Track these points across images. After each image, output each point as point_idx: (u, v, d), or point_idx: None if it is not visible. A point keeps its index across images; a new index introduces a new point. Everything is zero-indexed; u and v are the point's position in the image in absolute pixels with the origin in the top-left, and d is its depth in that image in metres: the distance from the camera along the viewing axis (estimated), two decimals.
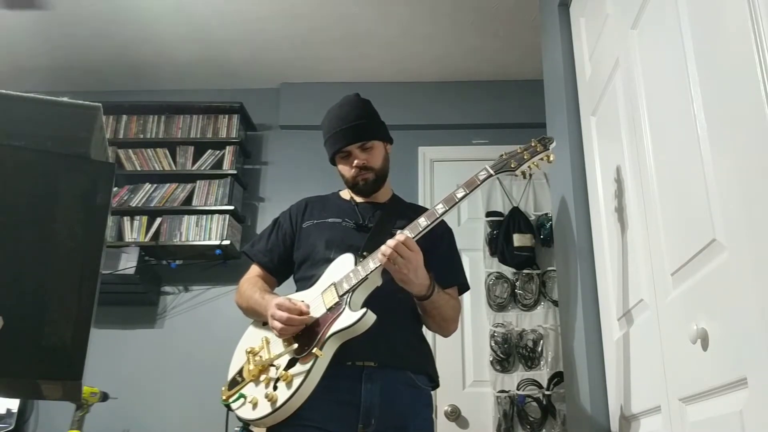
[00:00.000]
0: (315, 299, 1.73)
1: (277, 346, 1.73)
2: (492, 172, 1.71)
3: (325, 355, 1.62)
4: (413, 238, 1.66)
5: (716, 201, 1.17)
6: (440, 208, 1.69)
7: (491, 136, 3.66)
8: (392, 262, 1.63)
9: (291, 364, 1.66)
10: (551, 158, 1.73)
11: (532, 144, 1.74)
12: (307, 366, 1.61)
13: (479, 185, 1.69)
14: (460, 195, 1.68)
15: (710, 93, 1.20)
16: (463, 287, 2.00)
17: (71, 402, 2.53)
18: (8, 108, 1.00)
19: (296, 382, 1.61)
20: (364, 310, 1.62)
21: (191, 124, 3.71)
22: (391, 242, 1.63)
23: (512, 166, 1.71)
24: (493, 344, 3.17)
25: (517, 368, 3.14)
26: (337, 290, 1.70)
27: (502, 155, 1.75)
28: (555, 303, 3.15)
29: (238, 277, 2.07)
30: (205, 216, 3.48)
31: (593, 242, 1.99)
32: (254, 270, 1.99)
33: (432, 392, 1.86)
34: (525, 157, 1.71)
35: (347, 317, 1.63)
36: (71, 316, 0.93)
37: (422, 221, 1.69)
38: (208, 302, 3.49)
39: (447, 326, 1.90)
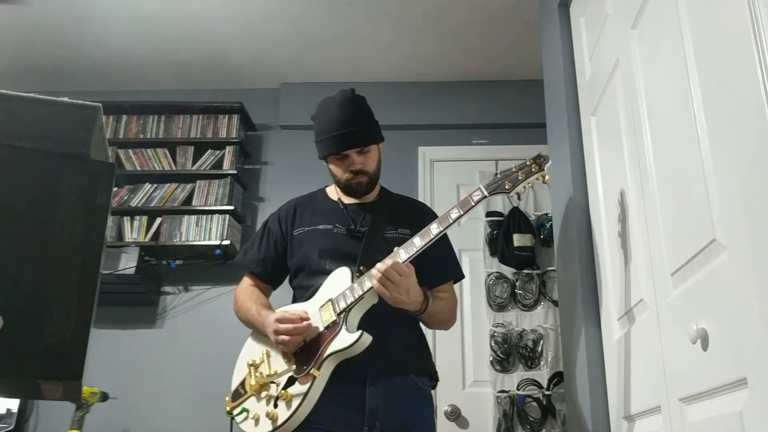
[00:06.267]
0: (313, 315, 1.75)
1: (277, 361, 1.76)
2: (486, 193, 1.71)
3: (323, 374, 1.65)
4: (409, 258, 1.68)
5: (716, 201, 1.17)
6: (434, 229, 1.70)
7: (491, 136, 3.66)
8: (384, 288, 1.65)
9: (290, 382, 1.69)
10: (546, 178, 1.71)
11: (528, 163, 1.72)
12: (306, 386, 1.65)
13: (473, 206, 1.70)
14: (454, 216, 1.69)
15: (710, 93, 1.20)
16: (458, 278, 2.02)
17: (71, 402, 2.53)
18: (8, 108, 1.00)
19: (295, 402, 1.65)
20: (360, 332, 1.65)
21: (191, 124, 3.71)
22: (380, 267, 1.65)
23: (507, 187, 1.70)
24: (493, 344, 3.17)
25: (517, 368, 3.14)
26: (334, 308, 1.72)
27: (496, 174, 1.74)
28: (555, 303, 3.15)
29: (237, 277, 2.07)
30: (205, 216, 3.48)
31: (593, 242, 1.99)
32: (248, 279, 1.99)
33: (432, 391, 1.88)
34: (520, 177, 1.70)
35: (344, 338, 1.66)
36: (71, 316, 0.93)
37: (417, 241, 1.70)
38: (208, 302, 3.49)
39: (445, 326, 1.98)
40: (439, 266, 1.90)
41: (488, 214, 3.40)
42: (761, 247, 1.01)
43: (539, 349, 3.14)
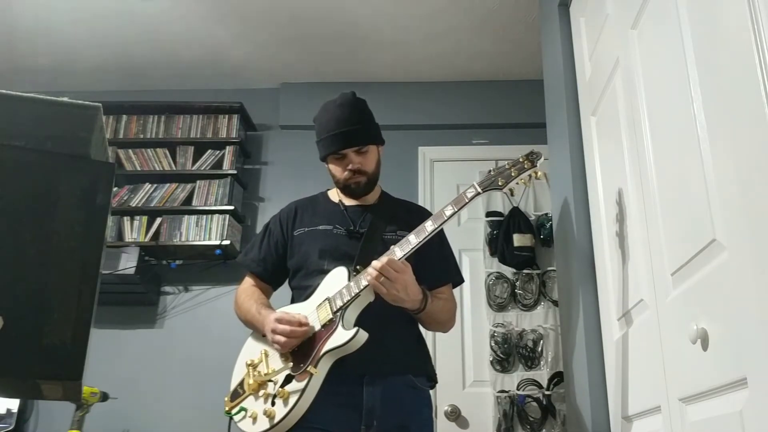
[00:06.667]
0: (310, 314, 1.76)
1: (275, 360, 1.77)
2: (480, 189, 1.73)
3: (320, 372, 1.66)
4: (404, 255, 1.69)
5: (716, 201, 1.17)
6: (429, 226, 1.71)
7: (491, 136, 3.66)
8: (381, 285, 1.66)
9: (288, 380, 1.70)
10: (539, 174, 1.75)
11: (521, 160, 1.76)
12: (303, 384, 1.66)
13: (467, 203, 1.73)
14: (448, 213, 1.72)
15: (710, 93, 1.20)
16: (457, 282, 2.02)
17: (71, 402, 2.53)
18: (8, 108, 1.00)
19: (292, 399, 1.66)
20: (356, 329, 1.66)
21: (191, 124, 3.71)
22: (376, 264, 1.66)
23: (500, 183, 1.73)
24: (493, 344, 3.17)
25: (517, 368, 3.14)
26: (331, 306, 1.72)
27: (490, 171, 1.77)
28: (555, 303, 3.15)
29: (237, 277, 2.07)
30: (205, 216, 3.47)
31: (593, 242, 1.99)
32: (249, 279, 2.01)
33: (431, 391, 1.89)
34: (512, 174, 1.73)
35: (340, 336, 1.67)
36: (71, 316, 0.93)
37: (412, 238, 1.72)
38: (208, 302, 3.49)
39: (444, 328, 1.97)
40: (437, 268, 1.92)
41: (488, 214, 3.40)
42: (761, 247, 1.01)
43: (539, 349, 3.14)
